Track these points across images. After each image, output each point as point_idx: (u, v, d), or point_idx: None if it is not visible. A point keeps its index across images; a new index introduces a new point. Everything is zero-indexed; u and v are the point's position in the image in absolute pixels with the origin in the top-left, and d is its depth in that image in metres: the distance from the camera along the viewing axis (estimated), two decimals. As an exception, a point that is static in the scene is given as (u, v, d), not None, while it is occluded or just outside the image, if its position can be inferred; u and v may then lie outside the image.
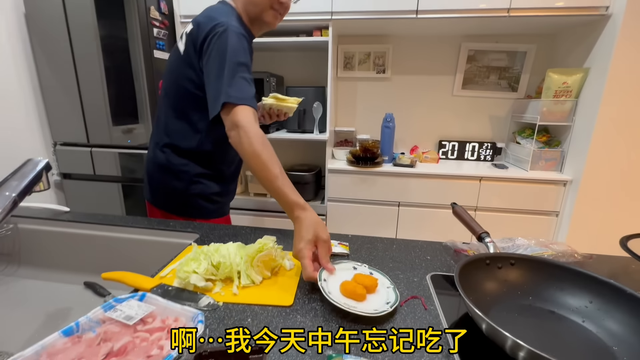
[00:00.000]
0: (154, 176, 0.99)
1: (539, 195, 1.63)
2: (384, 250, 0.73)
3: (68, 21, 1.65)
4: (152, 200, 1.02)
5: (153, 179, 0.99)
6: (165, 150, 0.94)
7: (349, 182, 1.75)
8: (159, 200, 1.00)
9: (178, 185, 0.95)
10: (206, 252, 0.59)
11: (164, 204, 0.99)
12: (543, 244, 0.71)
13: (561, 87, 1.58)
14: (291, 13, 1.64)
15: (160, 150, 0.95)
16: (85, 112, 1.77)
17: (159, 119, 0.98)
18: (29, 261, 0.91)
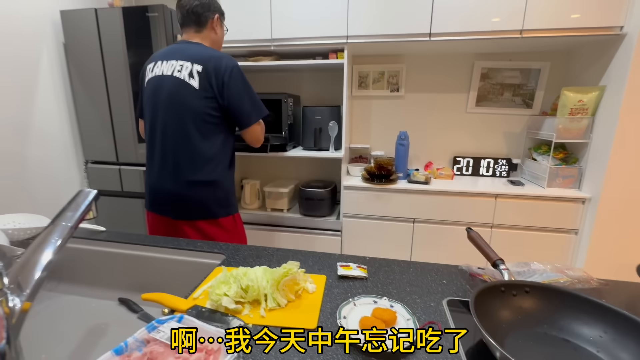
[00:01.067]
0: (200, 193, 1.15)
1: (557, 213, 1.61)
2: (400, 274, 0.76)
3: (102, 50, 1.78)
4: (194, 217, 1.16)
5: (197, 196, 1.15)
6: (209, 167, 1.14)
7: (364, 199, 1.79)
8: (204, 212, 1.17)
9: (223, 189, 1.18)
10: (235, 276, 0.64)
11: (209, 213, 1.17)
12: (559, 270, 0.72)
13: (577, 104, 1.58)
14: (308, 37, 1.75)
15: (205, 169, 1.14)
16: (115, 132, 1.89)
17: (179, 145, 1.12)
18: (68, 278, 0.98)
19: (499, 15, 1.52)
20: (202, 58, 1.09)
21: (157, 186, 1.19)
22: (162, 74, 1.12)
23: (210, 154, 1.13)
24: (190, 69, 1.08)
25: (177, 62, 1.10)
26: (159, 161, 1.16)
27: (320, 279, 0.72)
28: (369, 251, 1.83)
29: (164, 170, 1.16)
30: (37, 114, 1.78)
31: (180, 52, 1.12)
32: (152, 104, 1.15)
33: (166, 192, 1.17)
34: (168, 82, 1.10)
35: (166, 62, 1.12)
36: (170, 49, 1.17)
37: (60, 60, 1.88)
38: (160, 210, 1.21)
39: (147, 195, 1.24)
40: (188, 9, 1.14)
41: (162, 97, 1.12)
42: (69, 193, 2.08)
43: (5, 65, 1.62)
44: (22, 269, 0.50)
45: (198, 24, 1.16)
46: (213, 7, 1.18)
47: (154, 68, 1.15)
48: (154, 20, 1.69)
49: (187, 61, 1.09)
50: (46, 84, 1.82)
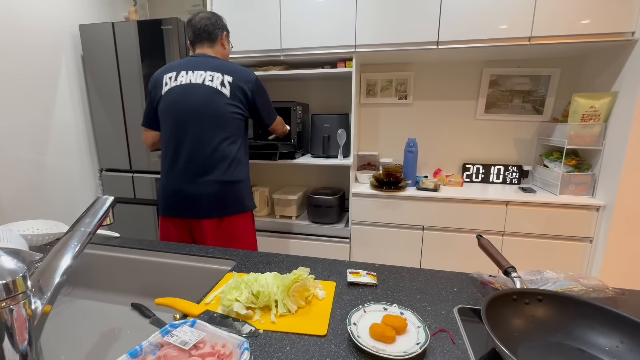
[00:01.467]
0: (231, 192, 1.24)
1: (570, 220, 1.58)
2: (410, 281, 0.76)
3: (118, 61, 1.85)
4: (220, 214, 1.24)
5: (227, 195, 1.24)
6: (236, 166, 1.24)
7: (372, 206, 1.78)
8: (229, 208, 1.25)
9: (247, 186, 1.30)
10: (246, 282, 0.65)
11: (235, 209, 1.26)
12: (573, 278, 0.71)
13: (588, 111, 1.57)
14: (317, 47, 1.78)
15: (233, 169, 1.23)
16: (129, 140, 1.94)
17: (209, 149, 1.20)
18: (83, 282, 1.00)
19: (507, 22, 1.52)
20: (230, 70, 1.21)
21: (185, 190, 1.21)
22: (191, 83, 1.19)
23: (238, 155, 1.25)
24: (221, 79, 1.19)
25: (206, 72, 1.19)
26: (188, 165, 1.20)
27: (330, 285, 0.73)
28: (378, 258, 1.82)
29: (194, 174, 1.20)
30: (55, 123, 1.84)
31: (205, 64, 1.21)
32: (178, 110, 1.19)
33: (197, 194, 1.21)
34: (199, 89, 1.18)
35: (192, 72, 1.20)
36: (191, 60, 1.23)
37: (78, 71, 1.95)
38: (186, 214, 1.23)
39: (167, 201, 1.25)
40: (200, 27, 1.25)
41: (192, 104, 1.18)
42: (84, 199, 2.15)
43: (27, 77, 1.69)
44: (43, 273, 0.51)
45: (210, 40, 1.27)
46: (221, 24, 1.29)
47: (177, 77, 1.20)
48: (168, 32, 1.75)
49: (217, 72, 1.19)
50: (64, 95, 1.88)
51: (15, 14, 1.62)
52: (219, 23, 1.28)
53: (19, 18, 1.64)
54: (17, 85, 1.65)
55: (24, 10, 1.66)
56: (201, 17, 1.26)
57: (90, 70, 1.93)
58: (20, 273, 0.43)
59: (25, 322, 0.45)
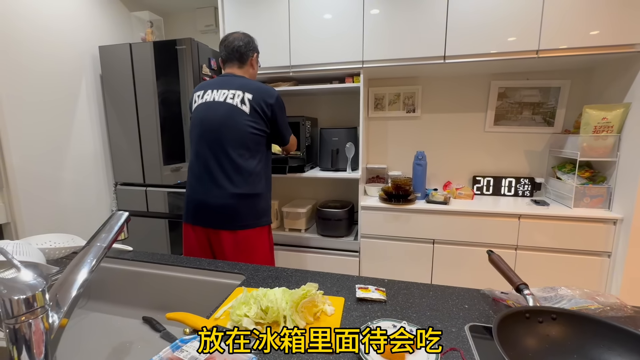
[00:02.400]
0: (247, 205, 1.27)
1: (586, 234, 1.54)
2: (420, 297, 0.75)
3: (135, 80, 1.92)
4: (237, 226, 1.26)
5: (245, 207, 1.27)
6: (254, 180, 1.28)
7: (382, 219, 1.77)
8: (245, 221, 1.28)
9: (266, 200, 1.34)
10: (255, 297, 0.65)
11: (252, 223, 1.29)
12: (588, 296, 0.69)
13: (601, 122, 1.54)
14: (325, 63, 1.82)
15: (250, 183, 1.27)
16: (143, 155, 2.00)
17: (230, 162, 1.25)
18: (95, 295, 1.02)
19: (514, 36, 1.53)
20: (251, 88, 1.26)
21: (205, 201, 1.28)
22: (214, 100, 1.26)
23: (256, 169, 1.29)
24: (241, 96, 1.24)
25: (228, 90, 1.26)
26: (208, 177, 1.27)
27: (339, 301, 0.72)
28: (388, 272, 1.80)
29: (213, 186, 1.26)
30: (73, 139, 1.92)
31: (230, 83, 1.28)
32: (203, 126, 1.27)
33: (214, 205, 1.26)
34: (221, 107, 1.25)
35: (217, 90, 1.27)
36: (219, 80, 1.32)
37: (97, 90, 2.04)
38: (205, 222, 1.29)
39: (189, 209, 1.33)
40: (232, 48, 1.32)
41: (214, 120, 1.25)
42: (100, 212, 2.20)
43: (49, 96, 1.77)
44: (61, 287, 0.53)
45: (241, 60, 1.34)
46: (252, 46, 1.36)
47: (203, 95, 1.30)
48: (182, 52, 1.82)
49: (239, 90, 1.25)
50: (83, 112, 1.97)
51: (43, 39, 1.73)
52: (250, 45, 1.35)
53: (47, 43, 1.75)
54: (40, 104, 1.73)
55: (52, 34, 1.77)
56: (234, 38, 1.33)
57: (108, 88, 2.01)
58: (40, 288, 0.45)
59: (43, 336, 0.46)
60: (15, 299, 0.43)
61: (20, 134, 1.64)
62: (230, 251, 1.27)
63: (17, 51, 1.61)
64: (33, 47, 1.68)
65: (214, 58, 1.98)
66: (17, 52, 1.61)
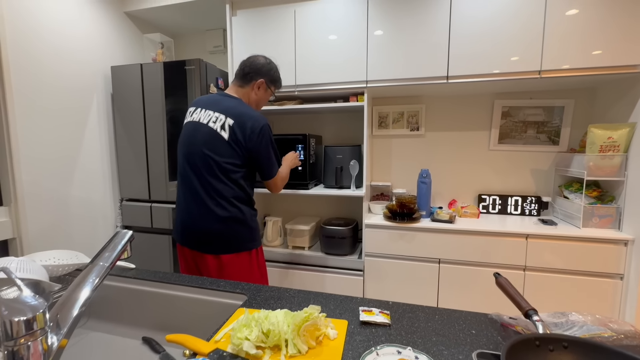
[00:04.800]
0: (225, 230, 1.23)
1: (597, 255, 1.50)
2: (426, 321, 0.73)
3: (144, 99, 1.98)
4: (219, 251, 1.22)
5: (223, 232, 1.24)
6: (236, 205, 1.24)
7: (386, 238, 1.75)
8: (228, 245, 1.24)
9: (246, 226, 1.27)
10: (257, 319, 0.64)
11: (234, 248, 1.24)
12: (601, 322, 0.66)
13: (607, 142, 1.54)
14: (330, 83, 1.85)
15: (232, 208, 1.23)
16: (150, 172, 2.02)
17: (208, 187, 1.22)
18: (96, 314, 1.01)
19: (516, 56, 1.56)
20: (235, 113, 1.22)
21: (188, 223, 1.26)
22: (199, 121, 1.25)
23: (238, 194, 1.24)
24: (223, 121, 1.21)
25: (213, 113, 1.23)
26: (190, 199, 1.25)
27: (342, 324, 0.71)
28: (393, 292, 1.76)
29: (196, 208, 1.24)
30: (82, 156, 1.96)
31: (219, 104, 1.25)
32: (187, 146, 1.26)
33: (196, 228, 1.24)
34: (202, 130, 1.23)
35: (204, 110, 1.26)
36: (210, 98, 1.30)
37: (107, 108, 2.10)
38: (190, 245, 1.28)
39: (176, 229, 1.32)
40: (241, 66, 1.33)
41: (196, 143, 1.23)
42: (105, 227, 2.21)
43: (62, 114, 1.82)
44: (62, 307, 0.53)
45: (242, 80, 1.32)
46: (262, 72, 1.31)
47: (193, 113, 1.29)
48: (190, 72, 1.87)
49: (222, 114, 1.22)
50: (93, 130, 2.01)
51: (60, 58, 1.80)
52: (260, 69, 1.31)
53: (63, 61, 1.82)
54: (52, 122, 1.78)
55: (68, 53, 1.84)
56: (252, 57, 1.33)
57: (118, 106, 2.07)
58: (41, 309, 0.45)
59: (41, 358, 0.45)
60: (15, 320, 0.42)
61: (32, 151, 1.68)
62: (215, 276, 1.23)
63: (35, 69, 1.68)
64: (50, 65, 1.75)
65: (221, 77, 2.03)
66: (36, 69, 1.68)
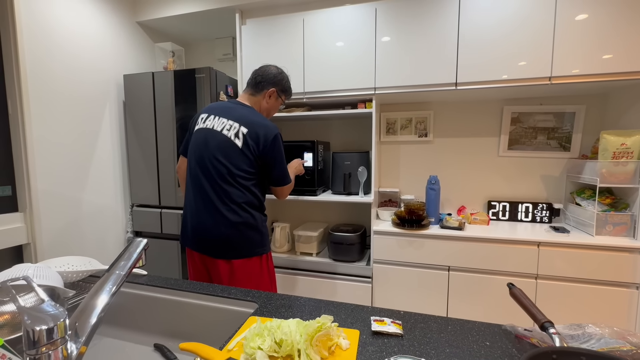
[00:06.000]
0: (237, 235, 1.24)
1: (611, 264, 1.47)
2: (438, 332, 0.72)
3: (155, 107, 2.01)
4: (230, 256, 1.24)
5: (233, 237, 1.23)
6: (247, 210, 1.25)
7: (395, 244, 1.74)
8: (239, 251, 1.25)
9: (257, 231, 1.28)
10: (269, 328, 0.64)
11: (245, 253, 1.26)
12: (619, 335, 0.65)
13: (620, 148, 1.51)
14: (338, 90, 1.86)
15: (244, 213, 1.25)
16: (160, 178, 2.05)
17: (219, 193, 1.24)
18: (109, 320, 1.02)
19: (526, 61, 1.55)
20: (249, 122, 1.25)
21: (199, 228, 1.27)
22: (213, 128, 1.27)
23: (250, 200, 1.26)
24: (237, 129, 1.23)
25: (227, 120, 1.26)
26: (201, 204, 1.27)
27: (354, 334, 0.70)
28: (402, 300, 1.75)
29: (204, 213, 1.25)
30: (95, 163, 1.99)
31: (232, 112, 1.27)
32: (199, 152, 1.28)
33: (207, 233, 1.26)
34: (216, 137, 1.25)
35: (218, 118, 1.28)
36: (223, 105, 1.32)
37: (119, 116, 2.14)
38: (201, 249, 1.28)
39: (186, 233, 1.33)
40: (253, 75, 1.36)
41: (209, 149, 1.25)
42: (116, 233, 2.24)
43: (75, 122, 1.87)
44: (80, 315, 0.54)
45: (254, 89, 1.35)
46: (273, 81, 1.34)
47: (206, 120, 1.30)
48: (200, 80, 1.90)
49: (236, 122, 1.24)
50: (105, 137, 2.05)
51: (74, 68, 1.85)
52: (272, 79, 1.33)
53: (76, 70, 1.87)
54: (67, 130, 1.82)
55: (82, 64, 1.89)
56: (262, 67, 1.36)
57: (130, 114, 2.11)
58: (62, 318, 0.46)
59: (60, 366, 0.46)
60: (37, 329, 0.43)
61: (46, 158, 1.72)
62: (226, 281, 1.25)
63: (51, 78, 1.73)
64: (65, 74, 1.80)
65: (230, 85, 2.06)
66: (51, 78, 1.73)
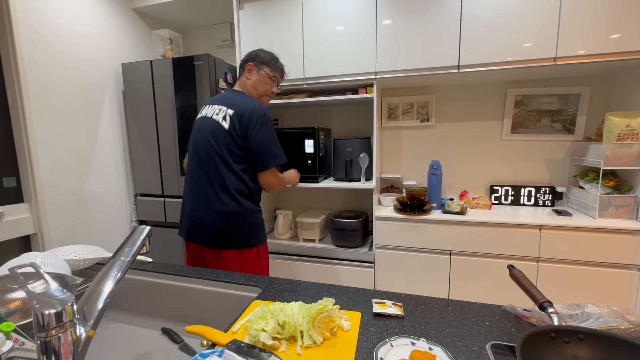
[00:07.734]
0: (226, 224, 1.23)
1: (613, 246, 1.48)
2: (439, 313, 0.73)
3: (155, 95, 2.00)
4: (220, 246, 1.24)
5: (224, 226, 1.23)
6: (233, 199, 1.23)
7: (397, 230, 1.75)
8: (229, 242, 1.24)
9: (248, 221, 1.26)
10: (272, 311, 0.66)
11: (234, 244, 1.24)
12: (618, 314, 0.66)
13: (625, 130, 1.49)
14: (338, 75, 1.83)
15: (229, 202, 1.23)
16: (162, 167, 2.06)
17: (212, 179, 1.23)
18: (117, 305, 1.05)
19: (530, 43, 1.51)
20: (236, 104, 1.25)
21: (192, 215, 1.29)
22: (206, 116, 1.29)
23: (235, 187, 1.23)
24: (225, 112, 1.24)
25: (218, 106, 1.27)
26: (195, 191, 1.28)
27: (355, 316, 0.72)
28: (404, 284, 1.77)
29: (198, 201, 1.27)
30: (97, 152, 2.00)
31: (223, 99, 1.30)
32: (194, 139, 1.31)
33: (200, 221, 1.26)
34: (207, 122, 1.27)
35: (210, 106, 1.30)
36: (219, 96, 1.35)
37: (119, 105, 2.13)
38: (194, 239, 1.30)
39: (182, 223, 1.35)
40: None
41: (202, 134, 1.27)
42: (121, 222, 2.27)
43: (75, 112, 1.86)
44: (87, 300, 0.55)
45: (239, 73, 1.39)
46: (250, 56, 1.36)
47: (202, 111, 1.34)
48: (199, 67, 1.88)
49: (224, 106, 1.26)
50: (106, 126, 2.05)
51: (72, 57, 1.83)
52: (248, 56, 1.35)
53: (75, 59, 1.85)
54: (67, 120, 1.82)
55: (79, 53, 1.87)
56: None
57: (129, 103, 2.10)
58: (69, 302, 0.47)
59: (70, 347, 0.48)
60: (46, 313, 0.44)
61: (49, 148, 1.72)
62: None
63: (49, 68, 1.71)
64: (63, 64, 1.79)
65: (229, 72, 2.03)
66: (49, 68, 1.71)
